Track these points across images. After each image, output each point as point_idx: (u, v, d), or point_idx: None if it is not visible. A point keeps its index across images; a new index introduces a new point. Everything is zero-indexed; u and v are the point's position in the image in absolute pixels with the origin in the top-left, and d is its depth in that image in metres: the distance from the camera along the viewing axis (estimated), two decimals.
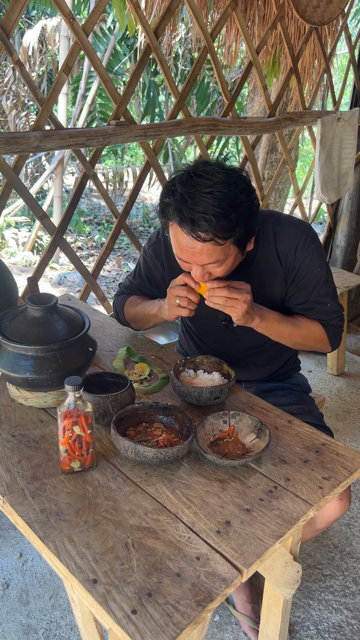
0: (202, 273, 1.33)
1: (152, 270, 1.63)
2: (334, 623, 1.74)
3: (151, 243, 1.61)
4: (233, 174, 1.26)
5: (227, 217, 1.22)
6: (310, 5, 2.70)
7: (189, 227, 1.23)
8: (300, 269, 1.46)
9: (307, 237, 1.45)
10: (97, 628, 1.15)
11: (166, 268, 1.59)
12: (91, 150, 2.25)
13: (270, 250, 1.46)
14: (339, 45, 3.99)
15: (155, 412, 1.28)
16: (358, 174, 3.61)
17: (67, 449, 1.11)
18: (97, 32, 5.12)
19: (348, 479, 1.16)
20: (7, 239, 5.54)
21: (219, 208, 1.20)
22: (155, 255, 1.60)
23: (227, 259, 1.31)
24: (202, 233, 1.23)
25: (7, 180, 2.01)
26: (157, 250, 1.59)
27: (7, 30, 1.82)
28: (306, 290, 1.49)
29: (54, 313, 1.34)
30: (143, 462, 1.13)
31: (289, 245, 1.45)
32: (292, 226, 1.47)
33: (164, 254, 1.58)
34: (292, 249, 1.45)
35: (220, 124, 2.54)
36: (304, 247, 1.45)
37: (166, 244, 1.56)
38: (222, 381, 1.39)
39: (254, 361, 1.66)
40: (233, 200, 1.22)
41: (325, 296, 1.50)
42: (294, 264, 1.46)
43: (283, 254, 1.46)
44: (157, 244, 1.59)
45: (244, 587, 1.73)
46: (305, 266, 1.45)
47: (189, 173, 1.26)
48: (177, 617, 0.86)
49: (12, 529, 2.03)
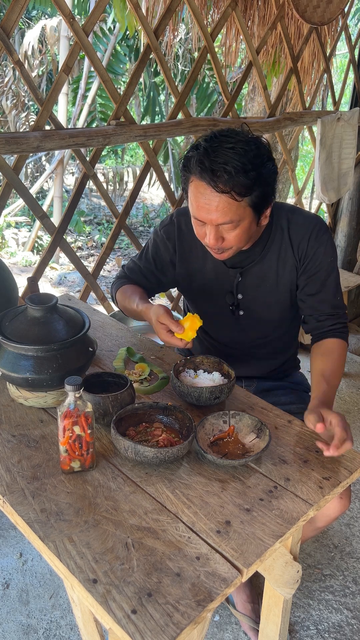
0: (217, 236, 1.34)
1: (162, 252, 1.61)
2: (334, 623, 1.74)
3: (164, 224, 1.61)
4: (256, 140, 1.32)
5: (246, 173, 1.25)
6: (310, 5, 2.70)
7: (209, 177, 1.25)
8: (312, 259, 1.47)
9: (320, 226, 1.48)
10: (97, 628, 1.15)
11: (177, 251, 1.59)
12: (91, 150, 2.25)
13: (284, 237, 1.48)
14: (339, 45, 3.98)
15: (155, 412, 1.28)
16: (358, 174, 3.61)
17: (67, 448, 1.11)
18: (97, 32, 5.12)
19: (348, 478, 1.16)
20: (7, 239, 5.54)
21: (239, 162, 1.24)
22: (167, 237, 1.59)
23: (242, 222, 1.33)
24: (220, 184, 1.25)
25: (7, 180, 2.01)
26: (170, 232, 1.59)
27: (7, 30, 1.82)
28: (319, 281, 1.49)
29: (54, 313, 1.34)
30: (143, 462, 1.13)
31: (302, 234, 1.47)
32: (305, 215, 1.50)
33: (176, 236, 1.57)
34: (306, 238, 1.47)
35: (220, 124, 2.54)
36: (317, 236, 1.47)
37: (179, 227, 1.57)
38: (222, 381, 1.39)
39: (256, 354, 1.66)
40: (253, 159, 1.26)
41: (336, 287, 1.52)
42: (306, 253, 1.47)
43: (296, 242, 1.47)
44: (170, 225, 1.59)
45: (244, 587, 1.73)
46: (318, 255, 1.47)
47: (213, 132, 1.31)
48: (177, 617, 0.86)
49: (12, 529, 2.03)
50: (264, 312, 1.56)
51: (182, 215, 1.58)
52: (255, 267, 1.51)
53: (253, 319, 1.55)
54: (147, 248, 1.66)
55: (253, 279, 1.53)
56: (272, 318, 1.58)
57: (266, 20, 2.96)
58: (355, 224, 3.76)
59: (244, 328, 1.60)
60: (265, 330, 1.58)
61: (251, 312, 1.56)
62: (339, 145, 3.16)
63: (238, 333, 1.62)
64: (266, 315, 1.57)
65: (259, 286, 1.53)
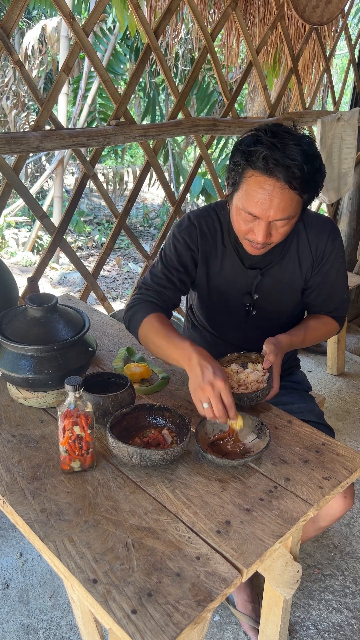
0: (267, 232, 1.35)
1: (185, 253, 1.54)
2: (334, 623, 1.74)
3: (182, 228, 1.55)
4: (310, 138, 1.34)
5: (311, 171, 1.28)
6: (310, 5, 2.70)
7: (282, 173, 1.25)
8: (327, 260, 1.53)
9: (335, 229, 1.55)
10: (97, 628, 1.15)
11: (200, 252, 1.54)
12: (91, 150, 2.25)
13: (302, 239, 1.52)
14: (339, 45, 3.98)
15: (146, 415, 1.28)
16: (358, 174, 3.61)
17: (67, 448, 1.11)
18: (97, 32, 5.12)
19: (348, 478, 1.16)
20: (7, 239, 5.54)
21: (307, 158, 1.26)
22: (190, 239, 1.53)
23: (292, 220, 1.36)
24: (292, 180, 1.26)
25: (7, 180, 2.01)
26: (192, 233, 1.53)
27: (7, 30, 1.82)
28: (328, 281, 1.56)
29: (54, 313, 1.34)
30: (149, 465, 1.13)
31: (320, 236, 1.51)
32: (320, 218, 1.55)
33: (199, 236, 1.53)
34: (323, 240, 1.51)
35: (220, 124, 2.54)
36: (334, 239, 1.53)
37: (201, 228, 1.53)
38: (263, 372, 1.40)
39: None
40: (315, 157, 1.30)
41: (343, 287, 1.60)
42: (323, 253, 1.52)
43: (314, 243, 1.52)
44: (191, 227, 1.53)
45: (244, 586, 1.73)
46: (332, 257, 1.53)
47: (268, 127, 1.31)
48: (177, 617, 0.86)
49: (12, 529, 2.03)
50: (274, 311, 1.59)
51: (200, 217, 1.55)
52: (275, 268, 1.53)
53: (264, 318, 1.58)
54: (164, 255, 1.57)
55: (271, 280, 1.54)
56: (281, 317, 1.61)
57: (266, 20, 2.96)
58: (355, 224, 3.76)
59: (253, 327, 1.60)
60: (273, 328, 1.58)
61: (264, 312, 1.58)
62: (339, 145, 3.16)
63: (247, 332, 1.62)
64: (276, 314, 1.60)
65: (275, 286, 1.55)
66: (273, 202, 1.29)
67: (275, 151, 1.25)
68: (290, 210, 1.31)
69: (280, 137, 1.27)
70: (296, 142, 1.27)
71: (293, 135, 1.29)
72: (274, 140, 1.26)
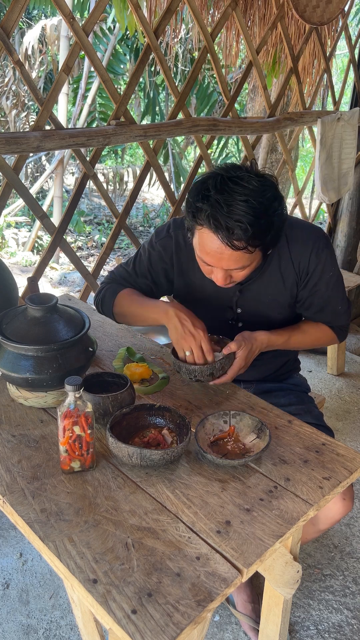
0: (225, 276, 1.34)
1: (157, 264, 1.57)
2: (334, 623, 1.74)
3: (160, 237, 1.56)
4: (266, 181, 1.27)
5: (261, 227, 1.23)
6: (310, 5, 2.70)
7: (224, 235, 1.22)
8: (313, 275, 1.47)
9: (320, 242, 1.46)
10: (97, 628, 1.15)
11: (175, 265, 1.56)
12: (91, 150, 2.25)
13: (284, 256, 1.47)
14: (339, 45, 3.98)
15: (146, 415, 1.28)
16: (358, 174, 3.61)
17: (67, 449, 1.11)
18: (97, 32, 5.12)
19: (348, 478, 1.16)
20: (7, 239, 5.54)
21: (254, 217, 1.21)
22: (164, 250, 1.55)
23: (252, 264, 1.34)
24: (236, 241, 1.23)
25: (7, 180, 2.01)
26: (167, 246, 1.55)
27: (7, 30, 1.81)
28: (318, 295, 1.50)
29: (54, 313, 1.34)
30: (149, 465, 1.13)
31: (303, 251, 1.45)
32: (305, 231, 1.47)
33: (174, 251, 1.54)
34: (306, 255, 1.45)
35: (220, 124, 2.54)
36: (318, 253, 1.45)
37: (177, 241, 1.53)
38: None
39: (256, 359, 1.66)
40: (267, 210, 1.24)
41: (337, 299, 1.52)
42: (307, 269, 1.46)
43: (296, 260, 1.46)
44: (167, 239, 1.55)
45: (244, 586, 1.73)
46: (318, 272, 1.47)
47: (223, 178, 1.25)
48: (177, 617, 0.86)
49: (12, 529, 2.03)
50: (262, 322, 1.55)
51: (179, 228, 1.54)
52: (255, 283, 1.51)
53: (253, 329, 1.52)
54: (139, 257, 1.60)
55: (252, 294, 1.52)
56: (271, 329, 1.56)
57: (266, 20, 2.96)
58: (355, 224, 3.76)
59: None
60: None
61: (250, 324, 1.55)
62: (339, 145, 3.16)
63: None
64: (265, 325, 1.55)
65: (258, 301, 1.53)
66: (224, 255, 1.27)
67: (219, 210, 1.21)
68: (244, 260, 1.29)
69: (228, 192, 1.22)
70: (245, 198, 1.21)
71: (244, 187, 1.23)
72: (220, 198, 1.21)
